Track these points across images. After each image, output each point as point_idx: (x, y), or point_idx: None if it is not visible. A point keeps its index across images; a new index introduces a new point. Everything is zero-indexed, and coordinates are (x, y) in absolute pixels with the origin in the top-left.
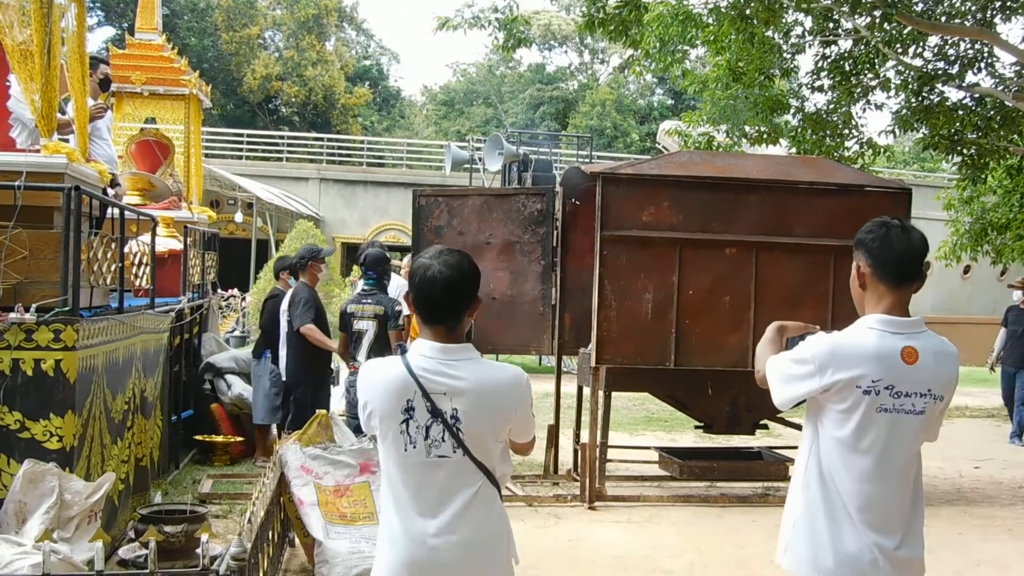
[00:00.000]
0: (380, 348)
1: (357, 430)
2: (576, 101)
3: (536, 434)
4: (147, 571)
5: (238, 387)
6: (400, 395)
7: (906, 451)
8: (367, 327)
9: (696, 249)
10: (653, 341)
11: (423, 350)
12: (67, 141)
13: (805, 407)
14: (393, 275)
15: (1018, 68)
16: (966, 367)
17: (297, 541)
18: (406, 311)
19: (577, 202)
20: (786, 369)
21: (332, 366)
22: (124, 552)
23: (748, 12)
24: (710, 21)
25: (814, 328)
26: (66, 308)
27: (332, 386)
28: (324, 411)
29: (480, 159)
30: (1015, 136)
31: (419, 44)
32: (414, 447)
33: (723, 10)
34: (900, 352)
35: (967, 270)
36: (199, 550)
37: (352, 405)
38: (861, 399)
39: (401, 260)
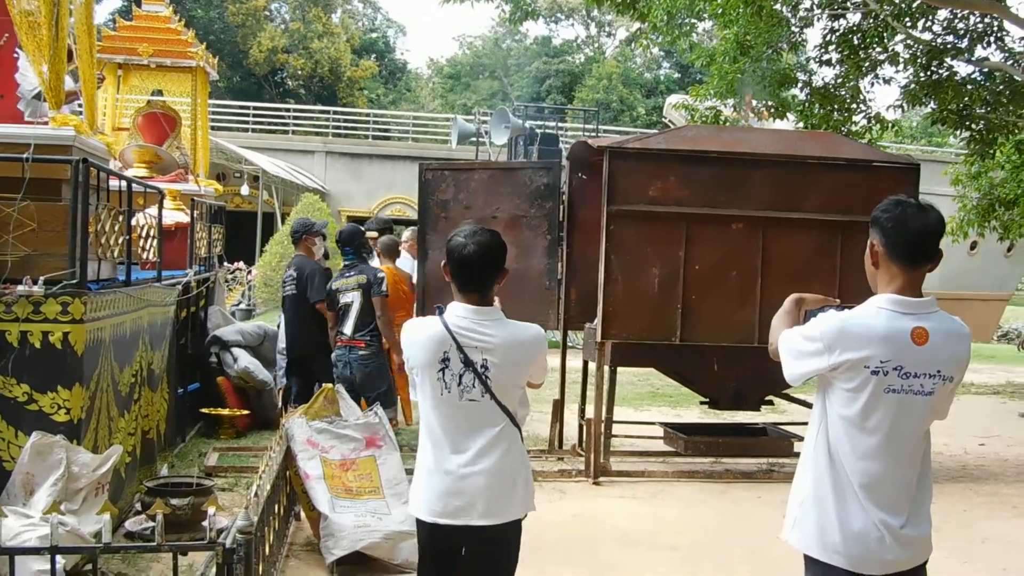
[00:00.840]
0: (366, 317)
1: None
2: (582, 74)
3: (542, 407)
4: (154, 544)
5: (244, 360)
6: (438, 348)
7: (913, 431)
8: (352, 299)
9: (703, 224)
10: (659, 316)
11: (459, 311)
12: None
13: (815, 384)
14: (403, 252)
15: None
16: (972, 344)
17: (303, 514)
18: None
19: (584, 176)
20: (797, 345)
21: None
22: (131, 524)
23: None
24: None
25: (834, 300)
26: (74, 281)
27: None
28: (330, 385)
29: (486, 132)
30: None
31: (426, 17)
32: (448, 391)
33: None
34: (910, 333)
35: (974, 246)
36: (205, 523)
37: (347, 378)
38: (869, 379)
39: (403, 235)
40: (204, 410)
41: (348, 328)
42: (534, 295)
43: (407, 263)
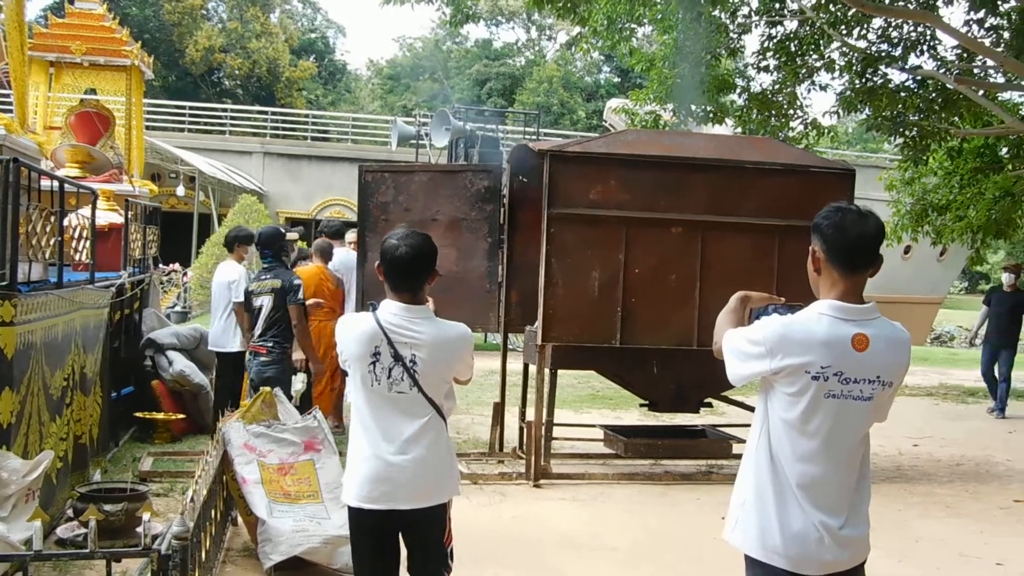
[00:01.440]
0: (272, 322)
1: None
2: (523, 77)
3: (482, 410)
4: (87, 550)
5: (180, 363)
6: (370, 342)
7: (852, 435)
8: (264, 302)
9: (643, 228)
10: (599, 319)
11: (391, 309)
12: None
13: (757, 386)
14: (338, 250)
15: (960, 51)
16: None
17: (240, 519)
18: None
19: (524, 179)
20: (740, 346)
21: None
22: (62, 531)
23: None
24: (658, 0)
25: (779, 300)
26: (4, 283)
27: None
28: (268, 388)
29: (427, 135)
30: (956, 118)
31: (366, 17)
32: (379, 383)
33: None
34: (851, 339)
35: (908, 250)
36: (140, 529)
37: (252, 383)
38: (809, 384)
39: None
40: (138, 414)
41: (256, 332)
42: (475, 298)
43: (347, 260)
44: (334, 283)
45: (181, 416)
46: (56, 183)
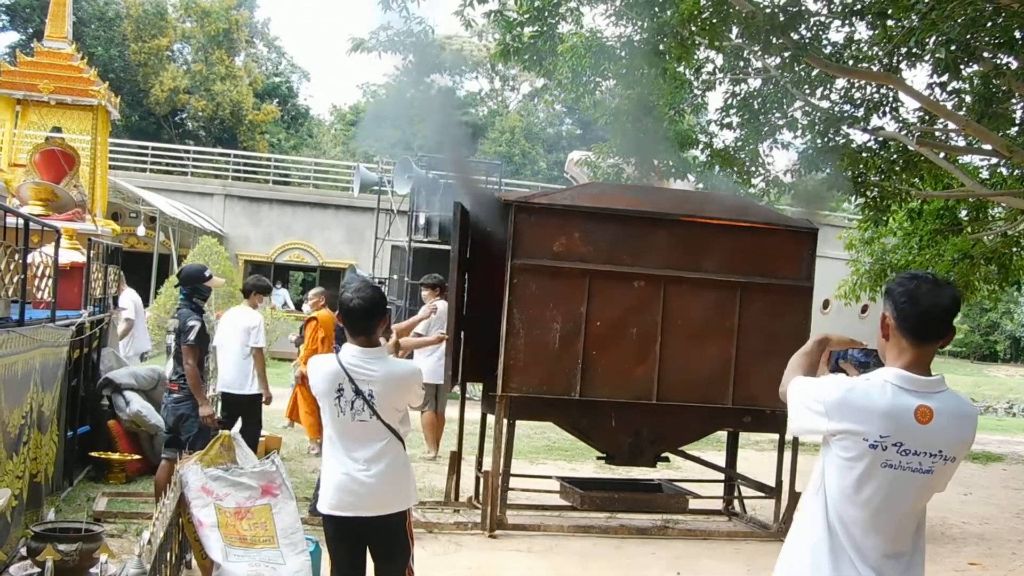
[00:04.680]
0: (177, 361)
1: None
2: (485, 127)
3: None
4: None
5: (136, 404)
6: (335, 380)
7: (907, 506)
8: (171, 341)
9: (605, 281)
10: (559, 371)
11: (351, 351)
12: None
13: (816, 442)
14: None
15: (922, 114)
16: None
17: (195, 563)
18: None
19: (487, 229)
20: (804, 399)
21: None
22: (16, 570)
23: (661, 47)
24: (623, 54)
25: (859, 343)
26: None
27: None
28: (227, 432)
29: (389, 181)
30: (916, 180)
31: (330, 63)
32: (343, 414)
33: (636, 44)
34: (914, 411)
35: (865, 309)
36: (95, 569)
37: (167, 420)
38: (866, 452)
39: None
40: (94, 454)
41: (168, 370)
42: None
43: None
44: None
45: (137, 457)
46: (21, 220)
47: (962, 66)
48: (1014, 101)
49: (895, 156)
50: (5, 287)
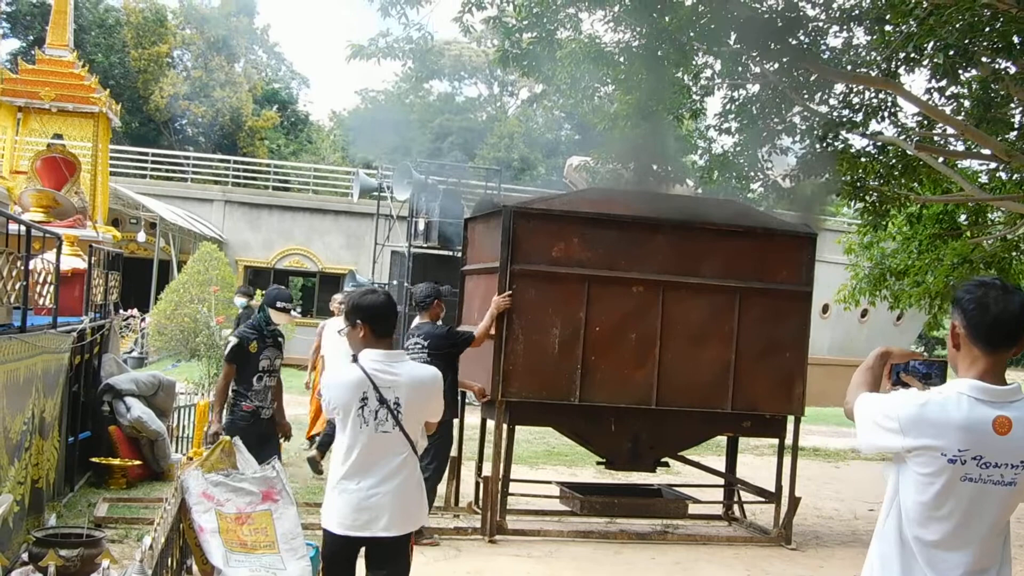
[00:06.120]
0: None
1: None
2: (484, 132)
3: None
4: None
5: (137, 410)
6: (358, 389)
7: (989, 520)
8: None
9: (604, 286)
10: (559, 376)
11: (373, 356)
12: None
13: (888, 459)
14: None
15: (920, 118)
16: None
17: (196, 568)
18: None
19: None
20: (874, 416)
21: None
22: (18, 575)
23: (659, 53)
24: (622, 60)
25: (919, 355)
26: None
27: None
28: (227, 438)
29: (388, 187)
30: (915, 184)
31: (330, 69)
32: (366, 425)
33: (635, 50)
34: (992, 422)
35: (864, 314)
36: (97, 575)
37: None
38: (945, 467)
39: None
40: (95, 459)
41: None
42: None
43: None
44: None
45: (137, 462)
46: (23, 227)
47: (961, 71)
48: (1013, 105)
49: (894, 161)
50: (7, 294)
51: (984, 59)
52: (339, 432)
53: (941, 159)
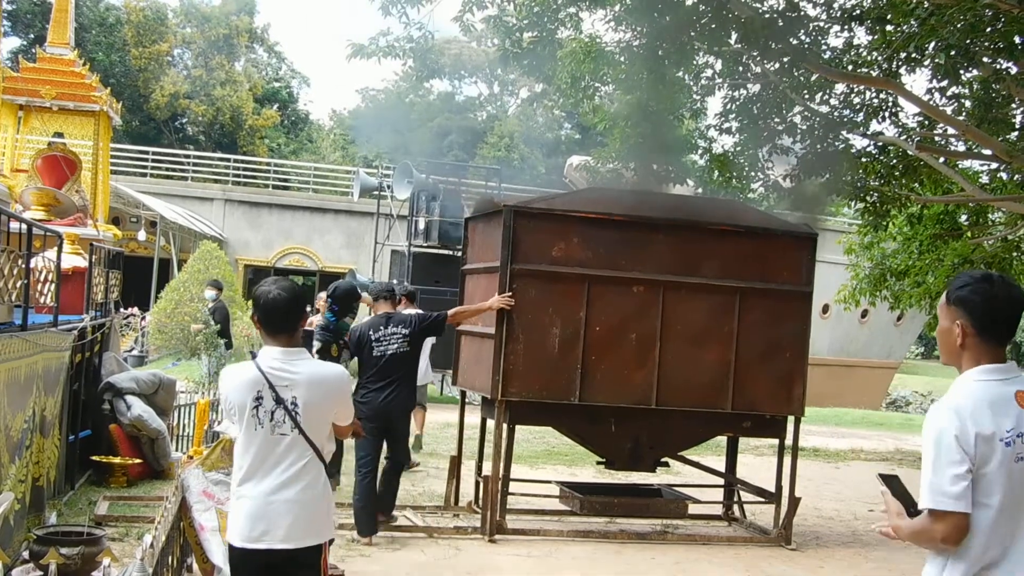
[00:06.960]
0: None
1: None
2: (484, 132)
3: (439, 463)
4: None
5: (138, 408)
6: (252, 388)
7: None
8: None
9: (604, 286)
10: (559, 376)
11: (271, 354)
12: None
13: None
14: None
15: (921, 118)
16: (861, 410)
17: (196, 567)
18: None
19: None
20: (946, 479)
21: None
22: (18, 574)
23: (660, 53)
24: (622, 60)
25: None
26: None
27: None
28: (228, 437)
29: (389, 187)
30: (916, 185)
31: (330, 68)
32: (261, 426)
33: (635, 49)
34: (1014, 397)
35: (864, 314)
36: (98, 573)
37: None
38: (1001, 452)
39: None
40: (95, 457)
41: None
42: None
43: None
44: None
45: (137, 460)
46: (23, 226)
47: (962, 71)
48: (1014, 106)
49: (895, 161)
50: (8, 292)
51: (985, 59)
52: (237, 433)
53: (942, 159)
